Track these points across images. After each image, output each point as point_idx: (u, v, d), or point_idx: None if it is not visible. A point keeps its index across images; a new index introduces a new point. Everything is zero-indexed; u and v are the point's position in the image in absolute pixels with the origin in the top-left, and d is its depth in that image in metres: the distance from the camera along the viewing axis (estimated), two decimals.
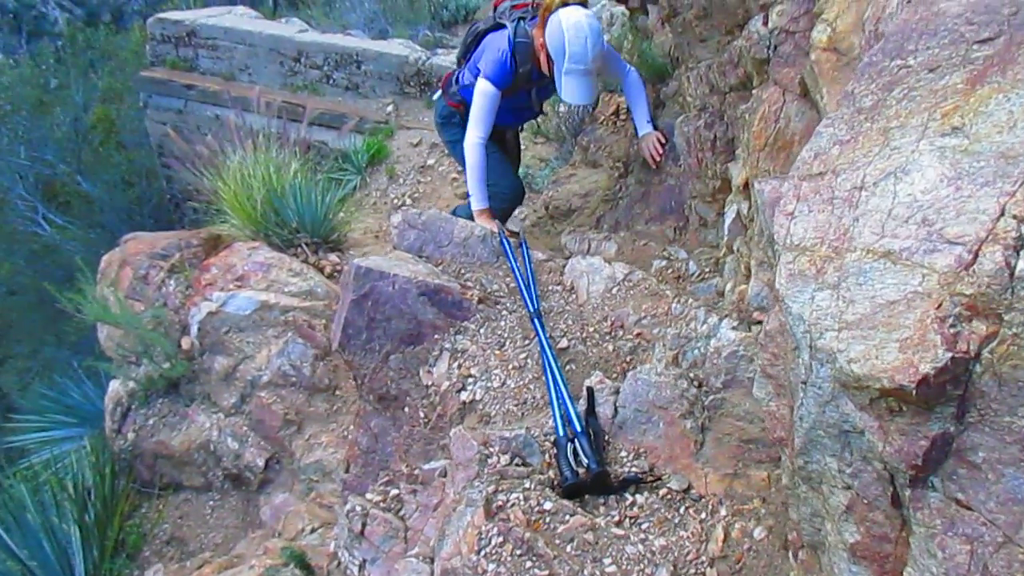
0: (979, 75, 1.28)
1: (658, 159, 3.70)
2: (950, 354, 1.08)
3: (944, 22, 1.39)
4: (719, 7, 3.15)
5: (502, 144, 4.08)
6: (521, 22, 3.52)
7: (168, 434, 4.32)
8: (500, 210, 3.77)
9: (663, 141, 3.68)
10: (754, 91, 2.72)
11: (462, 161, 3.73)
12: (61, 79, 11.93)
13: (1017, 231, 1.09)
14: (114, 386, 4.54)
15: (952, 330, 1.10)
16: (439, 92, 4.12)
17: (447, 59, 7.78)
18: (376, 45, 8.02)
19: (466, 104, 3.72)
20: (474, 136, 3.51)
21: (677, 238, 3.53)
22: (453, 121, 3.98)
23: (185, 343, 4.35)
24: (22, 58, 14.20)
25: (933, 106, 1.30)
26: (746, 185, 2.72)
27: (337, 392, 4.13)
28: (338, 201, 4.78)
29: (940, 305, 1.11)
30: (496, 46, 3.51)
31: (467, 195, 3.78)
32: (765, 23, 2.66)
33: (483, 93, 3.47)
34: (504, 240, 3.20)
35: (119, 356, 4.50)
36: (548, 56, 3.41)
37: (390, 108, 7.71)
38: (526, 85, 3.61)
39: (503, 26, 3.59)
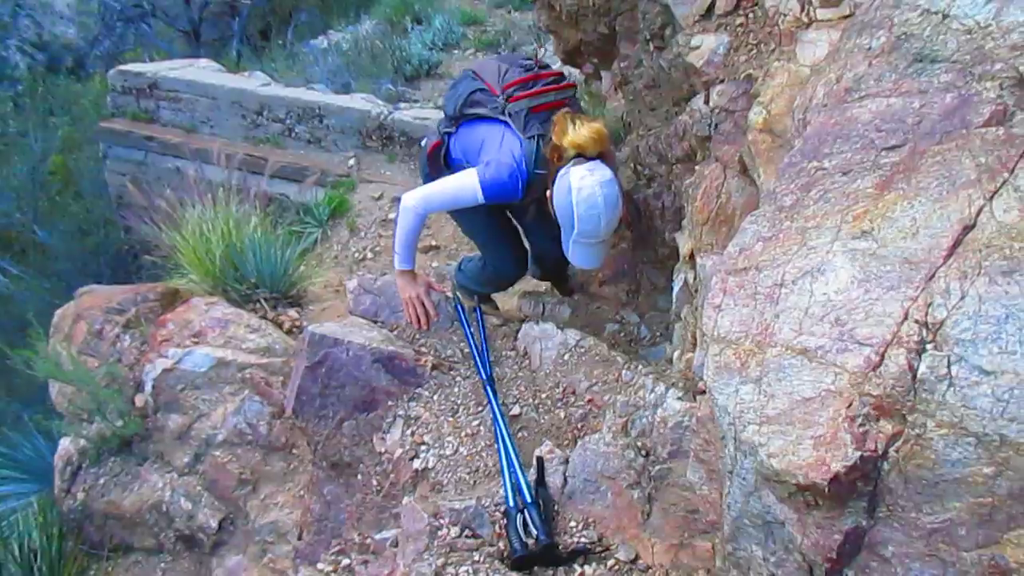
0: (887, 181, 1.38)
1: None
2: (859, 453, 1.15)
3: (856, 128, 1.49)
4: (666, 80, 3.26)
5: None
6: (540, 142, 2.89)
7: (119, 494, 4.23)
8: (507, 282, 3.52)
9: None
10: (697, 167, 2.83)
11: (424, 176, 3.28)
12: (19, 127, 11.81)
13: (919, 335, 1.17)
14: (64, 444, 4.45)
15: (861, 429, 1.16)
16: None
17: (409, 114, 7.88)
18: (339, 99, 8.09)
19: (448, 154, 3.20)
20: (417, 204, 2.96)
21: (630, 301, 3.60)
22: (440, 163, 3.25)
23: (139, 400, 4.29)
24: None
25: (846, 208, 1.39)
26: (692, 255, 2.81)
27: (294, 451, 4.08)
28: (298, 255, 4.78)
29: (851, 404, 1.18)
30: (509, 159, 2.88)
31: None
32: (707, 101, 2.77)
33: (468, 187, 2.88)
34: (459, 306, 3.24)
35: (71, 413, 4.42)
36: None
37: (352, 162, 7.76)
38: (526, 202, 3.07)
39: (516, 133, 2.95)
